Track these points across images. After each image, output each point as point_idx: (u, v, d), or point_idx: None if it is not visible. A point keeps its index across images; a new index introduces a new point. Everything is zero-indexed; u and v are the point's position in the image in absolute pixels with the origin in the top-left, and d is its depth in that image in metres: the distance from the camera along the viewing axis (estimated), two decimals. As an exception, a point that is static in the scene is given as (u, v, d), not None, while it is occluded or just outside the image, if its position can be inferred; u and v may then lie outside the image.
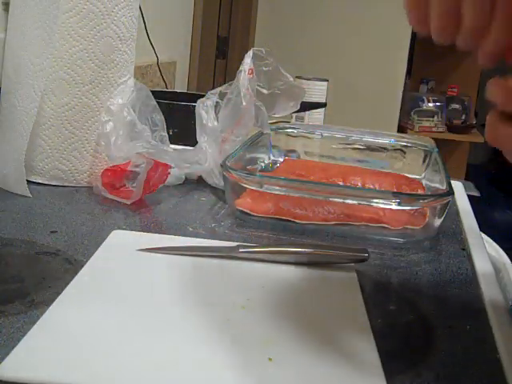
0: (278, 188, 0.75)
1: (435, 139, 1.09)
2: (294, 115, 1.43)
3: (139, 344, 0.46)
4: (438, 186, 0.87)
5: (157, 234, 0.70)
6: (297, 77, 1.41)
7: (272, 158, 1.04)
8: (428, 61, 3.70)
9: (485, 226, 0.92)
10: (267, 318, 0.51)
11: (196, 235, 0.72)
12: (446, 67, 3.70)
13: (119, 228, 0.71)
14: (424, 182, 0.98)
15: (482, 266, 0.71)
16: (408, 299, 0.61)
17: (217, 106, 0.92)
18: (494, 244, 1.03)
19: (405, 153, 1.07)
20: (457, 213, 0.92)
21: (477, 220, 0.90)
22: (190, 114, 0.93)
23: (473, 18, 0.40)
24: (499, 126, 0.41)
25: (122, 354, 0.44)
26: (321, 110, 1.47)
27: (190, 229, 0.74)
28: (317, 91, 1.47)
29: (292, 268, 0.63)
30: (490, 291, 0.64)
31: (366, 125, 1.28)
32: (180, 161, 0.88)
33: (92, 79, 0.84)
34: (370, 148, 1.08)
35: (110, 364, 0.42)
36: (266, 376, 0.43)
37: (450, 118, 3.59)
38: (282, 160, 1.03)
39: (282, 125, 1.08)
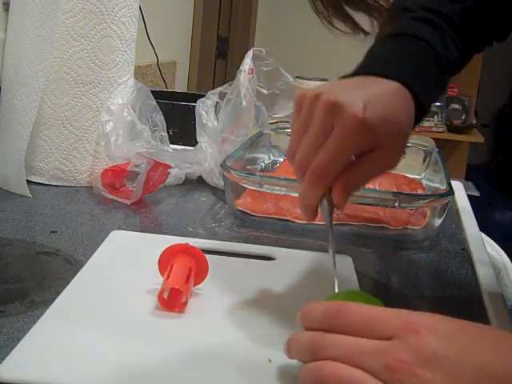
0: (277, 188, 0.75)
1: (435, 139, 1.09)
2: (294, 115, 1.42)
3: (139, 344, 0.45)
4: (438, 186, 0.87)
5: (157, 234, 0.70)
6: (297, 77, 1.41)
7: (272, 157, 1.04)
8: (428, 61, 3.68)
9: (485, 226, 0.92)
10: (267, 319, 0.51)
11: (196, 235, 0.72)
12: (446, 67, 3.69)
13: (119, 228, 0.71)
14: (424, 182, 0.98)
15: (481, 266, 0.71)
16: (408, 299, 0.61)
17: (217, 106, 0.92)
18: (494, 244, 1.03)
19: (405, 153, 1.07)
20: (457, 213, 0.92)
21: (477, 220, 0.90)
22: (190, 114, 0.93)
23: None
24: None
25: (122, 355, 0.44)
26: (321, 110, 1.47)
27: (190, 229, 0.74)
28: (317, 91, 1.47)
29: (290, 266, 0.63)
30: (490, 291, 0.64)
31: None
32: (180, 161, 0.88)
33: (92, 79, 0.84)
34: (370, 148, 1.08)
35: (110, 364, 0.42)
36: (265, 377, 0.43)
37: (450, 117, 3.58)
38: (282, 160, 1.03)
39: (282, 125, 1.08)
